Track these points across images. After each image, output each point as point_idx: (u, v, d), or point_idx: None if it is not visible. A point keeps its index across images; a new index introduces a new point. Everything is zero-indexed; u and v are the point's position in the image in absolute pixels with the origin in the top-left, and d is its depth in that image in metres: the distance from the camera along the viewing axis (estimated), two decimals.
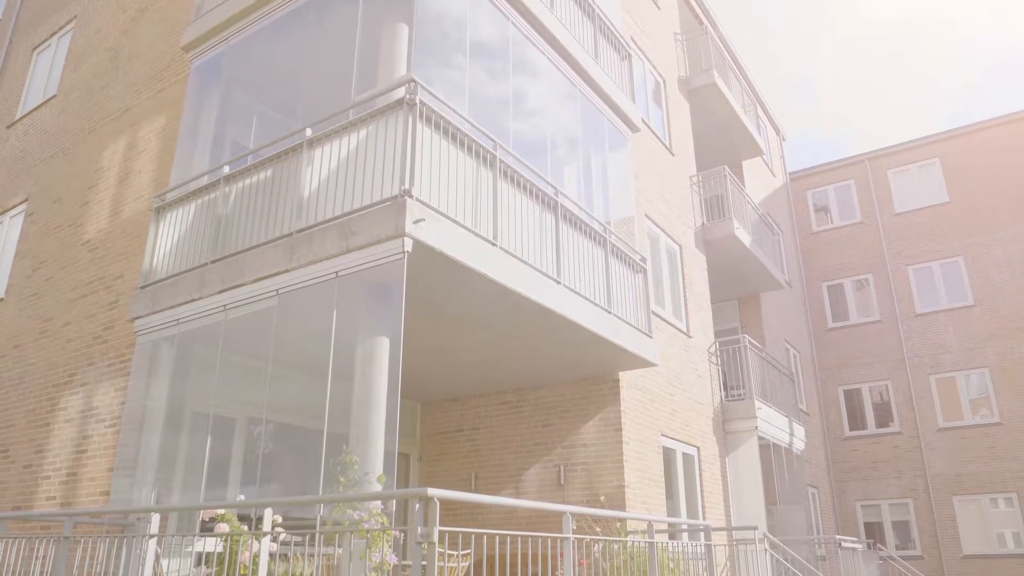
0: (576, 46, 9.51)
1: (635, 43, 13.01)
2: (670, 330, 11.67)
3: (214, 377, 6.99)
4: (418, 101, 6.09)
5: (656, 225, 12.11)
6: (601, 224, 9.04)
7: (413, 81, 6.12)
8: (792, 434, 14.37)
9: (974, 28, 60.79)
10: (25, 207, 10.84)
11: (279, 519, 5.33)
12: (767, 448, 13.24)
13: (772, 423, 13.30)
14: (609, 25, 10.83)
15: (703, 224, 14.32)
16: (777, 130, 22.81)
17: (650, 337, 9.42)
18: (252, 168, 7.30)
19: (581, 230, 8.49)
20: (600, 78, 10.00)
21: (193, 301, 7.23)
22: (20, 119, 12.15)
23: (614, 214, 10.03)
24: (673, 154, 13.73)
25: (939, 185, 22.01)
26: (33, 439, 8.48)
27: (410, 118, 6.04)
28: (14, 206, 11.12)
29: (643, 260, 9.80)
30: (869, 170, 23.07)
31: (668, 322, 11.65)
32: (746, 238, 14.60)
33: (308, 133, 6.75)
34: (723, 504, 12.10)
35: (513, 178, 7.35)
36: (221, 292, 6.97)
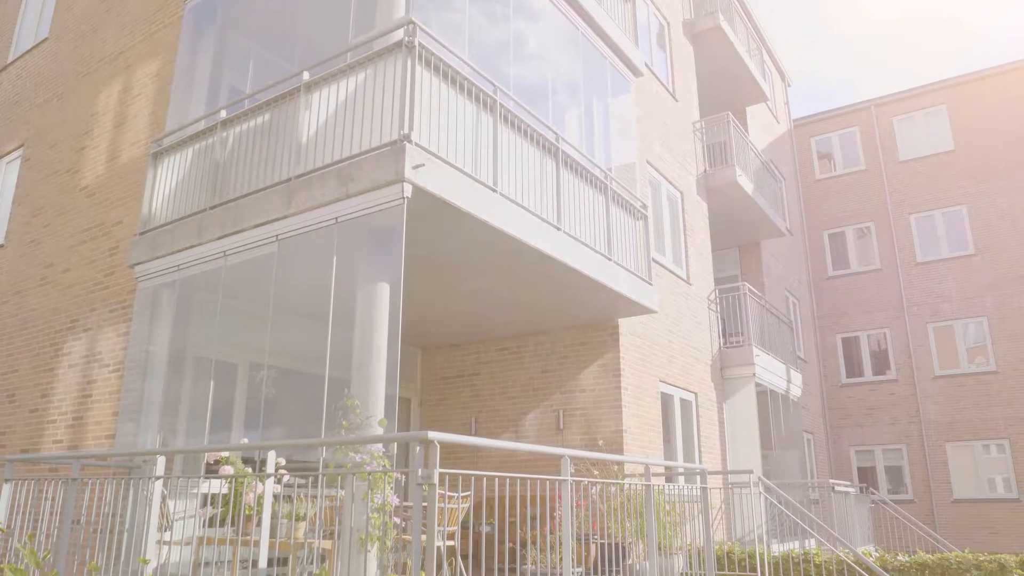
0: None
1: None
2: (670, 277, 11.69)
3: (215, 323, 7.03)
4: (417, 43, 5.97)
5: (658, 172, 12.01)
6: (602, 170, 8.96)
7: (412, 23, 6.00)
8: (789, 381, 14.51)
9: (982, 26, 59.30)
10: (21, 152, 10.74)
11: (283, 462, 5.43)
12: (764, 394, 13.39)
13: (770, 370, 13.43)
14: None
15: (705, 171, 14.21)
16: (783, 76, 22.44)
17: (650, 284, 9.44)
18: (249, 112, 7.21)
19: (582, 176, 8.43)
20: (603, 20, 9.80)
21: (193, 247, 7.22)
22: (12, 62, 11.95)
23: (615, 160, 9.94)
24: (676, 100, 13.54)
25: (945, 133, 21.74)
26: (38, 384, 8.57)
27: (409, 61, 5.94)
28: (10, 151, 11.02)
29: (644, 207, 9.75)
30: (874, 117, 22.77)
31: (668, 269, 11.66)
32: (748, 185, 14.50)
33: (305, 77, 6.65)
34: (719, 449, 12.29)
35: (514, 123, 7.27)
36: (221, 238, 6.96)
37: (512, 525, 8.42)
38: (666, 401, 10.97)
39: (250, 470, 5.75)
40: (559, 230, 7.60)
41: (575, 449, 8.32)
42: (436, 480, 3.74)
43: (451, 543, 6.53)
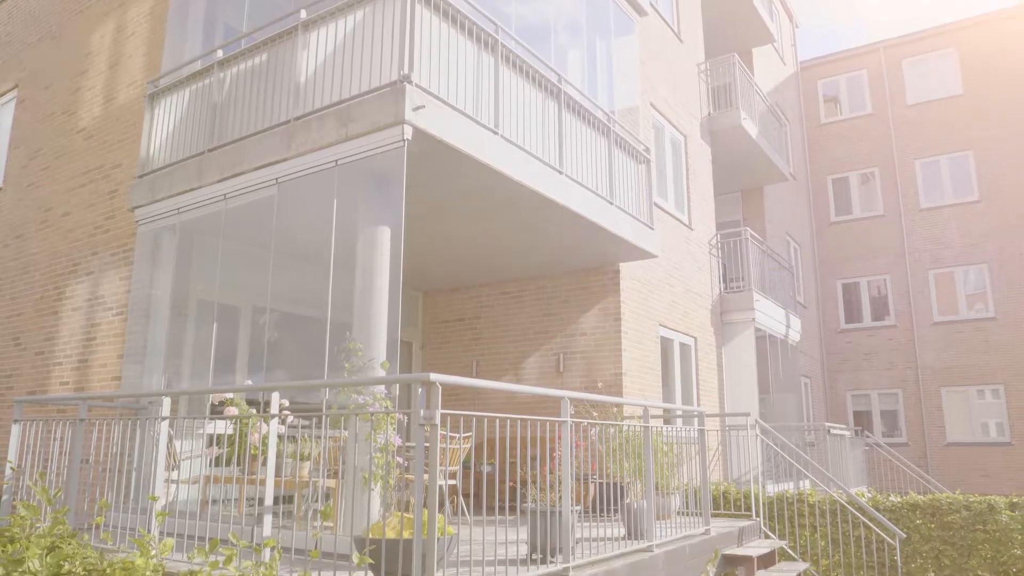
0: None
1: None
2: (672, 221, 11.65)
3: (217, 266, 7.04)
4: None
5: (661, 115, 11.86)
6: (605, 113, 8.85)
7: None
8: (788, 326, 14.59)
9: None
10: (16, 94, 10.59)
11: (286, 403, 5.51)
12: (763, 339, 13.48)
13: (769, 315, 13.49)
14: None
15: (709, 114, 14.01)
16: (790, 16, 21.93)
17: (651, 229, 9.41)
18: (246, 52, 7.08)
19: (584, 119, 8.32)
20: None
21: (192, 190, 7.18)
22: (3, 0, 11.68)
23: (618, 103, 9.80)
24: (681, 40, 13.27)
25: (954, 76, 21.35)
26: (42, 327, 8.64)
27: None
28: (4, 92, 10.87)
29: (647, 150, 9.66)
30: (883, 59, 22.33)
31: (670, 213, 11.61)
32: (753, 129, 14.32)
33: (303, 15, 6.51)
34: (718, 392, 12.44)
35: (515, 64, 7.14)
36: (220, 181, 6.91)
37: (512, 465, 8.58)
38: (666, 345, 11.05)
39: (254, 411, 5.84)
40: (561, 173, 7.54)
41: (575, 391, 8.43)
42: (438, 421, 3.80)
43: (453, 482, 6.67)
